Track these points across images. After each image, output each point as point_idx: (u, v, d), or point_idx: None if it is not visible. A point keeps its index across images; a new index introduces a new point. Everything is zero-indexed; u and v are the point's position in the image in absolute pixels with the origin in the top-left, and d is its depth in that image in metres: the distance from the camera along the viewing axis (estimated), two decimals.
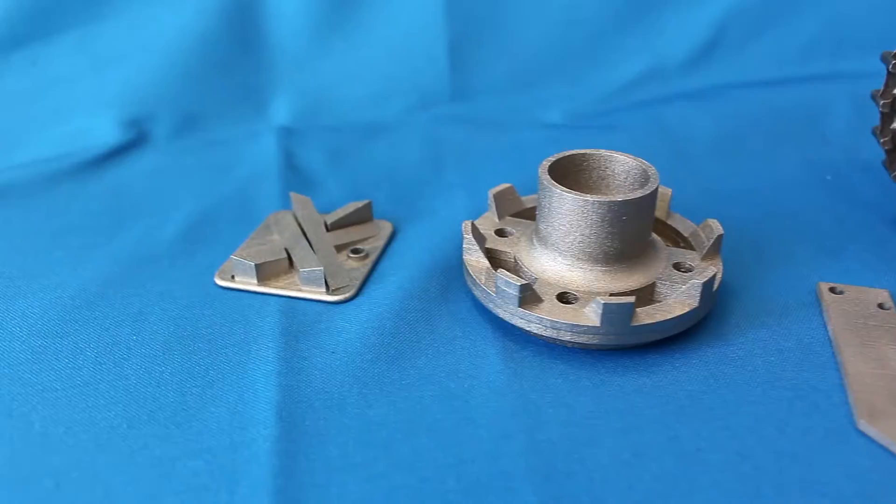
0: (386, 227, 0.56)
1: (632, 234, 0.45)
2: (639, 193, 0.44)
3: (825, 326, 0.48)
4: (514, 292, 0.43)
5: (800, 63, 0.77)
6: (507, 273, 0.44)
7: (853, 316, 0.47)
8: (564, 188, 0.44)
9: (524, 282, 0.43)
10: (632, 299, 0.42)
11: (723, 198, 0.62)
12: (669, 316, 0.44)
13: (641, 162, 0.47)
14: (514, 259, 0.48)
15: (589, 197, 0.44)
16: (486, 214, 0.52)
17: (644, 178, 0.46)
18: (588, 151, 0.49)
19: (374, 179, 0.64)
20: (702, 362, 0.45)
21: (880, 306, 0.48)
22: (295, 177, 0.64)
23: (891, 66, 0.50)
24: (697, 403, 0.42)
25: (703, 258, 0.48)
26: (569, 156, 0.49)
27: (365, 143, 0.69)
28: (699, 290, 0.44)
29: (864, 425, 0.41)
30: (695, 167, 0.66)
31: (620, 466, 0.39)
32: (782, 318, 0.49)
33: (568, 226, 0.45)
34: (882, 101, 0.51)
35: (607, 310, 0.42)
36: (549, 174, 0.47)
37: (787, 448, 0.40)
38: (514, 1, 0.79)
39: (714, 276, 0.45)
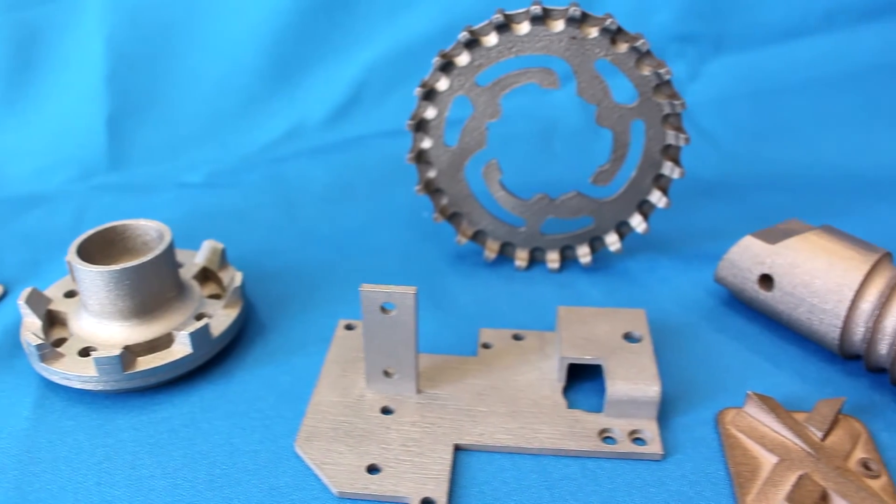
0: None
1: (144, 293, 0.53)
2: (134, 262, 0.52)
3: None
4: (35, 350, 0.51)
5: None
6: (30, 334, 0.52)
7: (349, 349, 0.55)
8: (79, 260, 0.52)
9: (40, 341, 0.51)
10: (116, 352, 0.50)
11: (316, 241, 0.70)
12: (163, 362, 0.52)
13: (162, 227, 0.56)
14: (67, 318, 0.56)
15: (91, 267, 0.52)
16: (67, 277, 0.60)
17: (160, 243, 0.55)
18: (128, 222, 0.57)
19: (14, 247, 0.71)
20: (199, 399, 0.52)
21: None
22: None
23: (418, 93, 0.59)
24: (174, 436, 0.50)
25: (225, 307, 0.56)
26: (111, 227, 0.57)
27: (21, 213, 0.76)
28: (187, 339, 0.52)
29: (298, 448, 0.48)
30: (300, 215, 0.74)
31: (82, 493, 0.46)
32: (293, 354, 0.56)
33: (86, 290, 0.53)
34: (408, 122, 0.59)
35: (98, 362, 0.50)
36: (90, 245, 0.55)
37: (225, 473, 0.48)
38: (170, 75, 0.87)
39: (206, 326, 0.53)
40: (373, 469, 0.47)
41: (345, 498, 0.46)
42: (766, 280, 0.56)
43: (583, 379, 0.53)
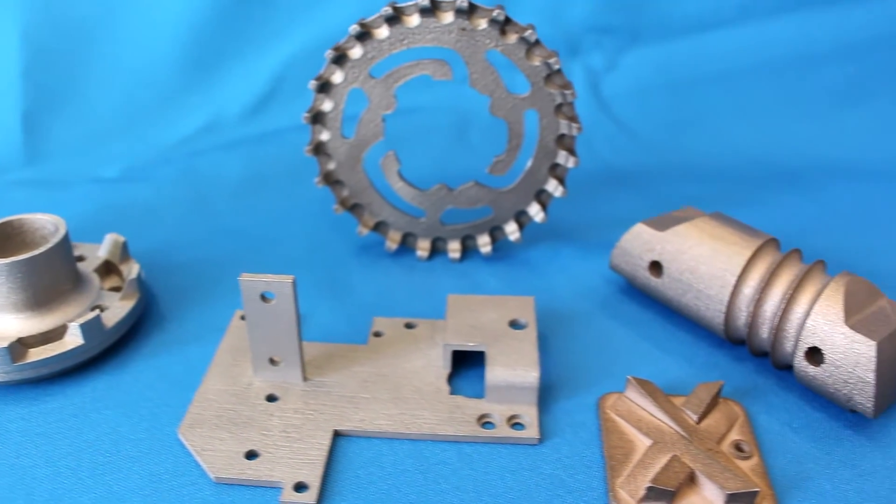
0: None
1: (38, 286, 0.53)
2: (25, 255, 0.52)
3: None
4: None
5: None
6: None
7: (243, 339, 0.56)
8: None
9: None
10: (4, 344, 0.51)
11: (225, 234, 0.71)
12: (54, 353, 0.52)
13: (58, 221, 0.56)
14: None
15: None
16: None
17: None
18: (24, 216, 0.57)
19: None
20: (91, 389, 0.53)
21: None
22: None
23: (312, 86, 0.60)
24: (62, 426, 0.51)
25: (122, 298, 0.57)
26: (7, 222, 0.57)
27: None
28: (78, 330, 0.52)
29: (181, 435, 0.49)
30: (212, 209, 0.75)
31: None
32: (188, 345, 0.57)
33: None
34: (305, 115, 0.60)
35: None
36: None
37: (108, 460, 0.48)
38: (87, 70, 0.87)
39: (98, 317, 0.53)
40: (251, 455, 0.48)
41: (221, 483, 0.46)
42: (656, 267, 0.57)
43: (471, 366, 0.54)
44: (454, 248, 0.65)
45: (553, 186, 0.61)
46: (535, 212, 0.63)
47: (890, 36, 0.93)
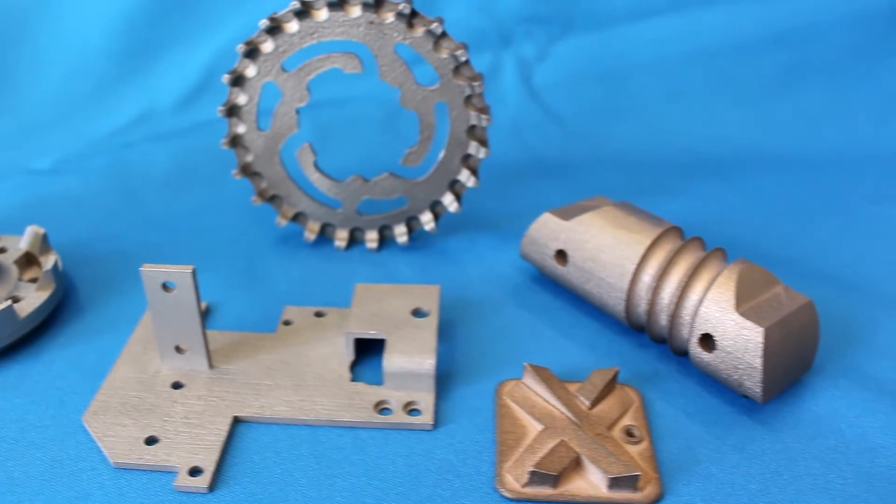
0: None
1: None
2: None
3: None
4: None
5: None
6: None
7: (150, 330, 0.57)
8: None
9: None
10: None
11: (151, 226, 0.72)
12: None
13: None
14: None
15: None
16: None
17: None
18: None
19: None
20: (2, 378, 0.55)
21: None
22: None
23: (226, 80, 0.61)
24: None
25: (38, 289, 0.58)
26: None
27: None
28: None
29: (85, 422, 0.50)
30: (140, 200, 0.76)
31: None
32: (103, 334, 0.58)
33: None
34: (220, 108, 0.61)
35: None
36: None
37: (11, 447, 0.49)
38: (21, 62, 0.88)
39: (10, 307, 0.54)
40: (151, 441, 0.49)
41: (120, 468, 0.48)
42: (561, 255, 0.59)
43: (376, 354, 0.55)
44: (371, 239, 0.66)
45: (466, 177, 0.62)
46: (450, 202, 0.64)
47: (819, 26, 0.93)
